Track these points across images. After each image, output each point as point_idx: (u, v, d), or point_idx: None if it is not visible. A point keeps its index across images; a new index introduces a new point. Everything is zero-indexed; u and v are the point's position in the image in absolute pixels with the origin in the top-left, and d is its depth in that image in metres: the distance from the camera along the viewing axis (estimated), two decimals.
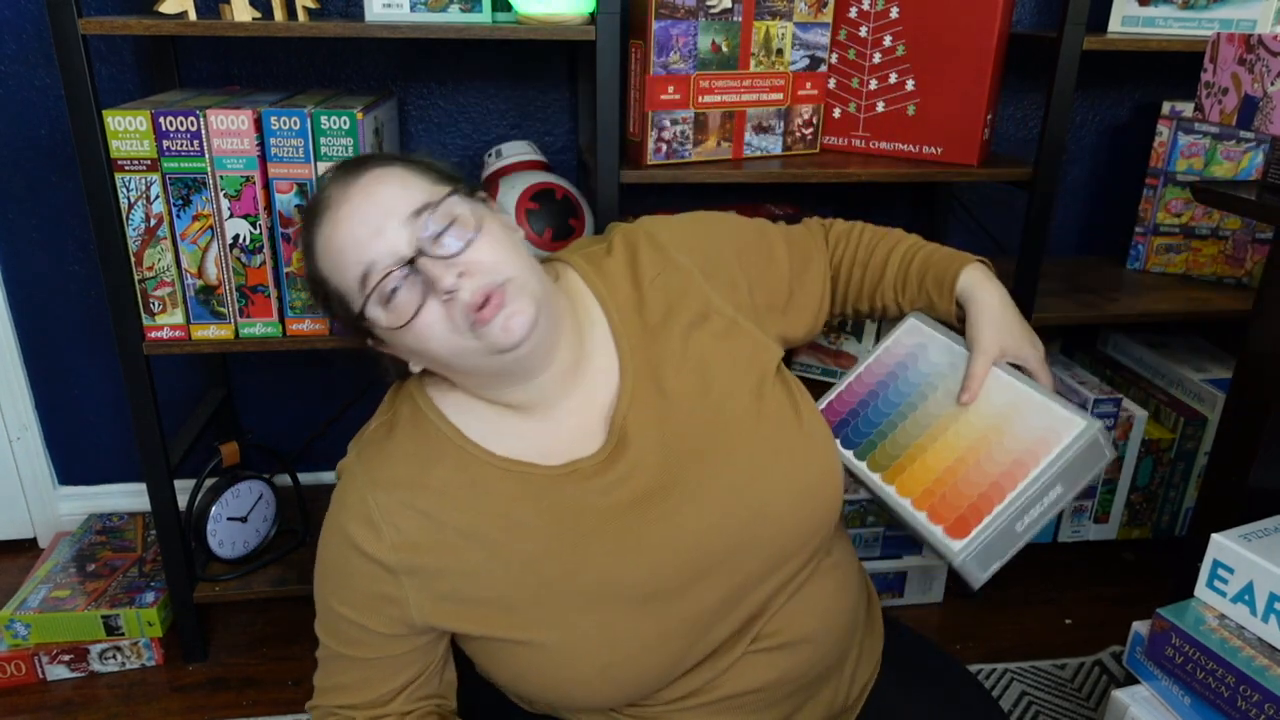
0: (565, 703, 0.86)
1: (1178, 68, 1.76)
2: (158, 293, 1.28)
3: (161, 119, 1.19)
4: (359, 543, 0.81)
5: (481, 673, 0.89)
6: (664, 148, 1.39)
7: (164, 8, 1.21)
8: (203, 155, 1.21)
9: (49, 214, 1.60)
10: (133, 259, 1.25)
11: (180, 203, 1.23)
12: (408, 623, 0.83)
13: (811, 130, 1.52)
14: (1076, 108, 1.76)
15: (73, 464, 1.80)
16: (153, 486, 1.37)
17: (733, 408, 0.85)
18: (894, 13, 1.42)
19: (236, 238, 1.26)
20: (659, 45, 1.33)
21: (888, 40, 1.44)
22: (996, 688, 1.47)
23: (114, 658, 1.49)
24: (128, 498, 1.81)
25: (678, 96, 1.37)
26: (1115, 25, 1.54)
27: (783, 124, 1.48)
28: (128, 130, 1.19)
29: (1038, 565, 1.77)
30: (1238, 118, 0.99)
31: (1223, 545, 0.94)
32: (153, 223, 1.24)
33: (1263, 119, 0.95)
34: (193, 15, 1.23)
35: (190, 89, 1.45)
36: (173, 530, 1.41)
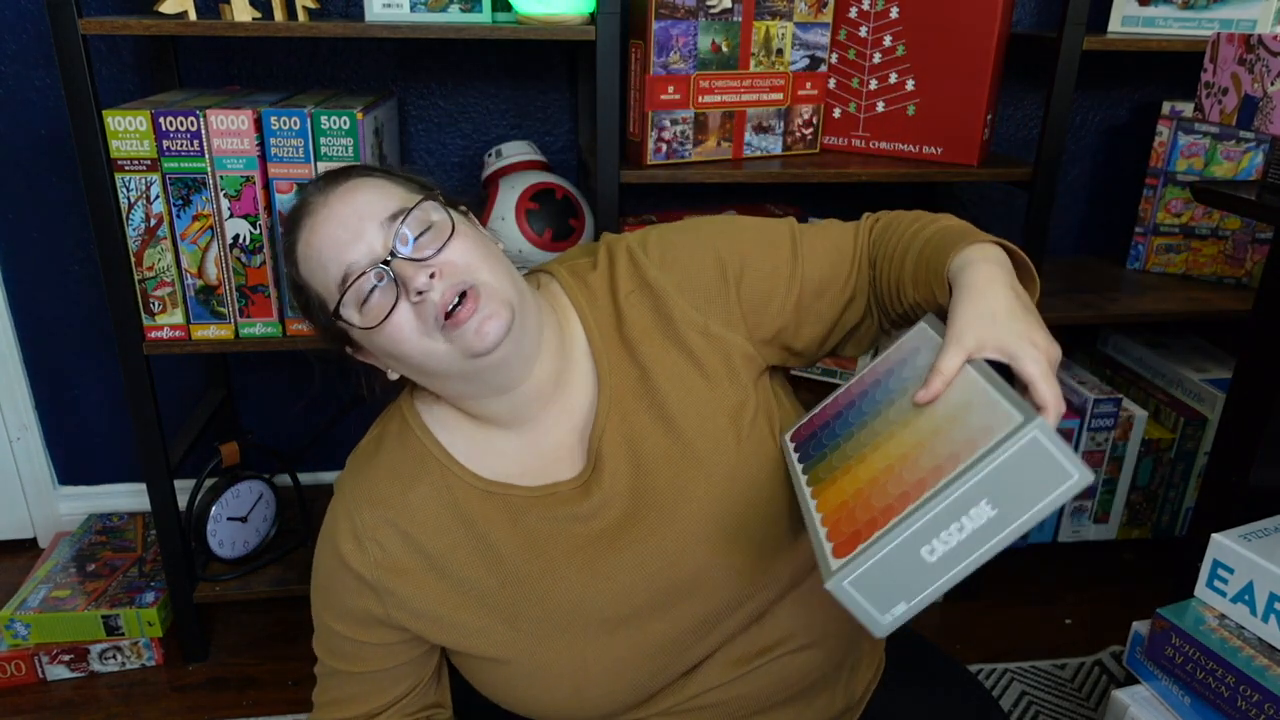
0: (541, 717, 0.87)
1: (1178, 68, 1.76)
2: (158, 293, 1.28)
3: (161, 119, 1.19)
4: (345, 557, 0.83)
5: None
6: (664, 148, 1.39)
7: (164, 8, 1.21)
8: (203, 155, 1.21)
9: (49, 214, 1.60)
10: (133, 259, 1.25)
11: (180, 203, 1.23)
12: (397, 634, 0.84)
13: (811, 130, 1.52)
14: (1076, 108, 1.76)
15: (73, 464, 1.80)
16: (153, 486, 1.37)
17: (708, 430, 0.83)
18: (894, 13, 1.42)
19: (236, 238, 1.26)
20: (659, 45, 1.33)
21: (888, 40, 1.44)
22: (996, 688, 1.47)
23: (114, 658, 1.49)
24: (128, 498, 1.81)
25: (678, 96, 1.37)
26: (1115, 25, 1.54)
27: (783, 124, 1.48)
28: (128, 130, 1.19)
29: (1038, 565, 1.77)
30: (1238, 118, 0.99)
31: (1223, 545, 0.94)
32: (153, 223, 1.24)
33: (1263, 119, 0.95)
34: (193, 15, 1.23)
35: (190, 89, 1.45)
36: (173, 530, 1.40)
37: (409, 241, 0.77)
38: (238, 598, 1.48)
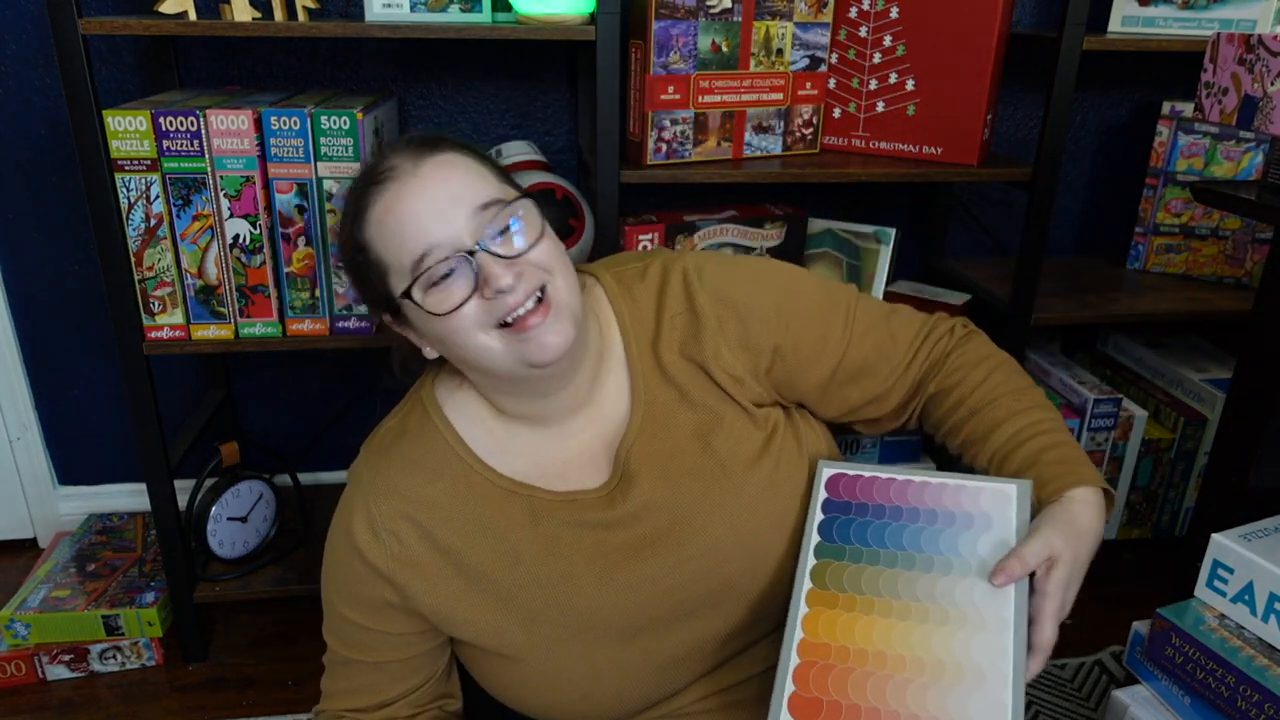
0: (546, 717, 0.87)
1: (1178, 68, 1.76)
2: (158, 293, 1.28)
3: (161, 119, 1.19)
4: (361, 548, 0.82)
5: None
6: (664, 148, 1.39)
7: (164, 8, 1.21)
8: (203, 155, 1.21)
9: (49, 214, 1.60)
10: (133, 259, 1.25)
11: (180, 203, 1.23)
12: (414, 622, 0.83)
13: (811, 130, 1.52)
14: (1076, 108, 1.76)
15: (73, 464, 1.80)
16: (153, 486, 1.37)
17: (742, 451, 0.84)
18: (894, 13, 1.42)
19: (236, 238, 1.26)
20: (659, 45, 1.33)
21: (888, 40, 1.44)
22: None
23: (114, 658, 1.48)
24: (128, 498, 1.81)
25: (678, 96, 1.37)
26: (1115, 25, 1.54)
27: (783, 124, 1.48)
28: (128, 130, 1.19)
29: None
30: (1238, 118, 0.99)
31: (1223, 545, 0.94)
32: (153, 223, 1.24)
33: (1263, 119, 0.95)
34: (193, 15, 1.23)
35: (190, 89, 1.45)
36: (173, 530, 1.40)
37: (499, 236, 0.75)
38: (238, 598, 1.48)
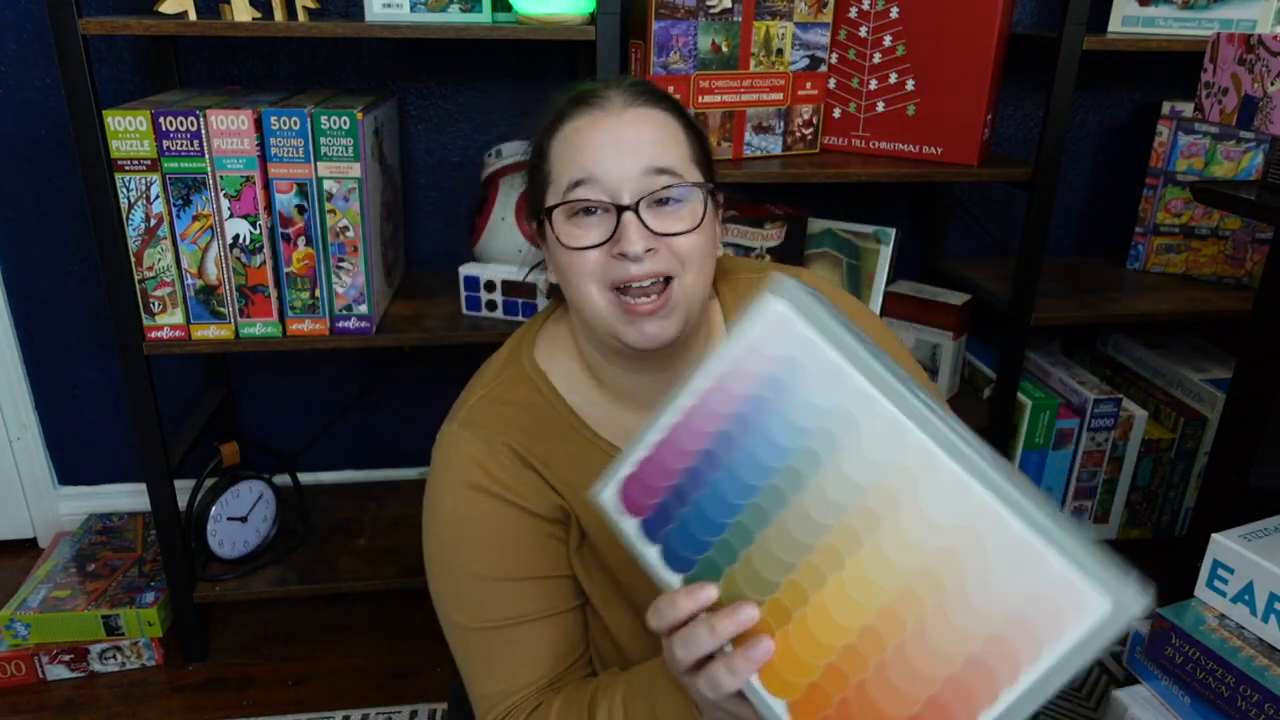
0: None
1: (1178, 68, 1.76)
2: (158, 293, 1.28)
3: (161, 119, 1.19)
4: (487, 485, 0.79)
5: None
6: None
7: (164, 8, 1.21)
8: (203, 155, 1.21)
9: (49, 214, 1.60)
10: (133, 259, 1.25)
11: (180, 203, 1.23)
12: (552, 531, 0.82)
13: (811, 130, 1.52)
14: (1076, 108, 1.76)
15: (73, 464, 1.80)
16: (153, 486, 1.37)
17: None
18: (894, 13, 1.42)
19: (236, 238, 1.26)
20: (659, 45, 1.33)
21: (888, 40, 1.44)
22: None
23: (114, 658, 1.48)
24: (128, 498, 1.81)
25: (678, 97, 1.37)
26: (1115, 25, 1.54)
27: (783, 124, 1.48)
28: (128, 130, 1.19)
29: None
30: (1238, 118, 0.99)
31: (1223, 545, 0.94)
32: (153, 223, 1.24)
33: (1263, 119, 0.95)
34: (193, 15, 1.23)
35: (190, 89, 1.45)
36: (173, 530, 1.40)
37: (657, 205, 0.75)
38: (238, 598, 1.48)
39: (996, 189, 1.81)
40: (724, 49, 1.38)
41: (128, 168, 1.20)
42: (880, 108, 1.49)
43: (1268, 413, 1.04)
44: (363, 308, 1.32)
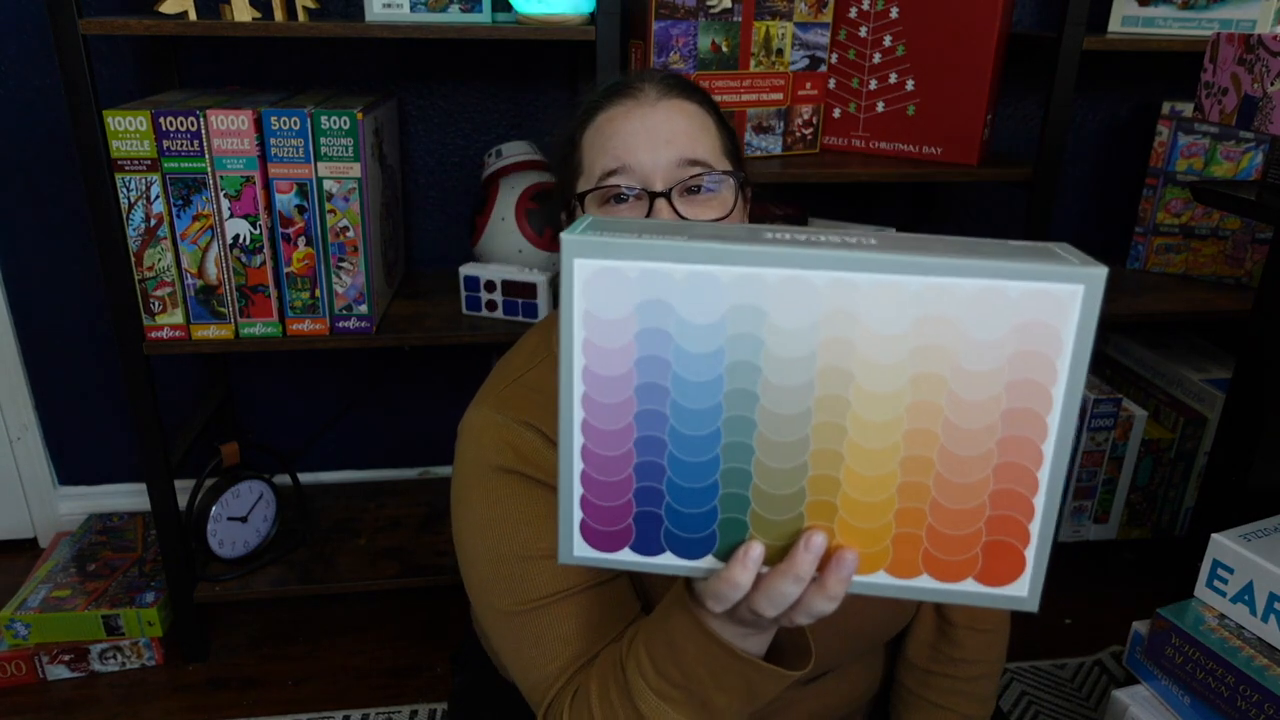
0: None
1: (1178, 68, 1.76)
2: (158, 293, 1.28)
3: (161, 119, 1.19)
4: (518, 467, 0.77)
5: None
6: None
7: (164, 8, 1.21)
8: (203, 155, 1.21)
9: (49, 214, 1.60)
10: (133, 259, 1.25)
11: (180, 203, 1.23)
12: None
13: (811, 130, 1.52)
14: (1076, 108, 1.76)
15: (73, 464, 1.80)
16: (153, 486, 1.37)
17: None
18: (894, 13, 1.42)
19: (236, 238, 1.26)
20: (659, 45, 1.33)
21: (888, 40, 1.44)
22: None
23: (114, 658, 1.49)
24: (128, 498, 1.81)
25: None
26: (1115, 25, 1.54)
27: (783, 124, 1.48)
28: (128, 130, 1.19)
29: None
30: (1238, 118, 0.99)
31: (1223, 545, 0.94)
32: (153, 223, 1.24)
33: (1263, 119, 0.95)
34: (193, 15, 1.23)
35: (190, 89, 1.45)
36: (173, 530, 1.40)
37: (687, 193, 0.76)
38: (238, 598, 1.48)
39: (996, 189, 1.81)
40: (724, 49, 1.38)
41: (128, 168, 1.21)
42: (880, 108, 1.49)
43: (1268, 413, 1.04)
44: (363, 308, 1.33)
